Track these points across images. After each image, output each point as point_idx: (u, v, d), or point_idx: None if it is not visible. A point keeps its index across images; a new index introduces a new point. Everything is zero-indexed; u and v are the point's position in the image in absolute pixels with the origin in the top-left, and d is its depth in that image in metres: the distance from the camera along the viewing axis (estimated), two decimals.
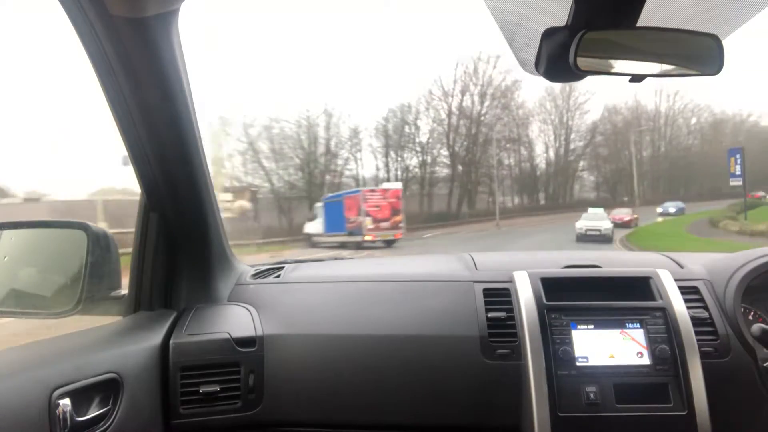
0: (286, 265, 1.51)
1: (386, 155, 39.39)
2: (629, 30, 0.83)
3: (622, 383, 1.11)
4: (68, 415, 0.90)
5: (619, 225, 21.11)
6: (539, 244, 17.47)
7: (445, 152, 41.54)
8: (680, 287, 1.22)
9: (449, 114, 42.10)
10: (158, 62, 1.01)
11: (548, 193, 49.49)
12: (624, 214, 24.64)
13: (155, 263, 1.25)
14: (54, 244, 1.28)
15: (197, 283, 1.32)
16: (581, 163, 51.82)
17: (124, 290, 1.27)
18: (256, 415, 1.18)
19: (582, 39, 0.79)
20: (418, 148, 40.83)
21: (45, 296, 1.25)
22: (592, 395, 1.09)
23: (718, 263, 1.33)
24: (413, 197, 37.40)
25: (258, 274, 1.46)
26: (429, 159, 41.41)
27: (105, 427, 0.97)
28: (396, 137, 39.66)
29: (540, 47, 0.87)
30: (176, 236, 1.27)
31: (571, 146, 50.36)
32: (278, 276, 1.44)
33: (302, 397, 1.19)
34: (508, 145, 45.36)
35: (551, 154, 50.34)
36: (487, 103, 43.27)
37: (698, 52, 0.85)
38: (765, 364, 1.14)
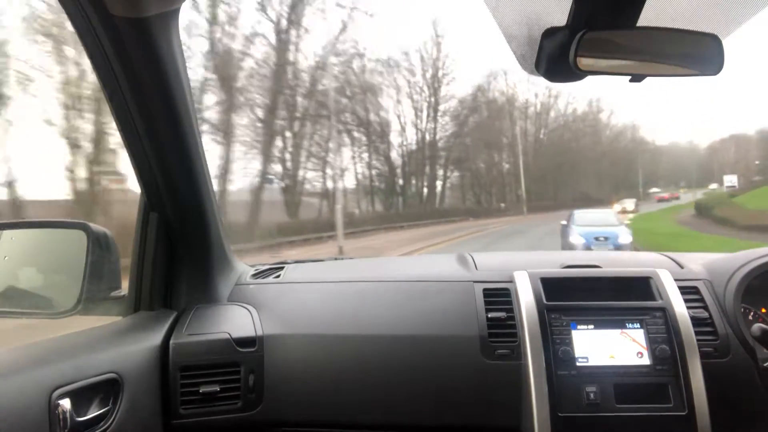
0: (286, 266, 1.52)
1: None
2: (629, 30, 0.82)
3: (622, 383, 1.11)
4: (68, 415, 0.89)
5: None
6: None
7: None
8: (680, 287, 1.22)
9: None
10: (158, 62, 1.01)
11: (406, 197, 34.06)
12: None
13: (155, 263, 1.25)
14: (54, 244, 1.28)
15: (197, 283, 1.32)
16: (447, 155, 37.65)
17: (124, 290, 1.27)
18: (256, 415, 1.18)
19: (582, 39, 0.79)
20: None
21: (45, 296, 1.25)
22: (592, 395, 1.09)
23: (718, 263, 1.33)
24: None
25: (258, 274, 1.46)
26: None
27: (105, 427, 0.97)
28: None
29: (540, 47, 0.87)
30: (176, 236, 1.27)
31: (439, 125, 35.78)
32: (278, 276, 1.44)
33: (302, 397, 1.19)
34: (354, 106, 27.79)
35: (411, 136, 34.45)
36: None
37: (698, 52, 0.84)
38: (765, 364, 1.14)
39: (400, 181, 34.17)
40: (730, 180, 42.26)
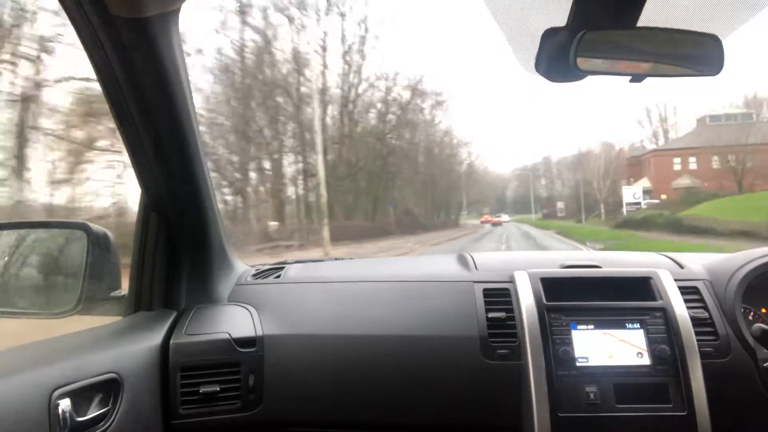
0: (287, 266, 1.51)
1: None
2: (629, 30, 0.82)
3: (622, 383, 1.11)
4: (68, 415, 0.89)
5: None
6: None
7: None
8: (680, 287, 1.22)
9: None
10: (158, 62, 1.01)
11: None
12: None
13: (155, 263, 1.25)
14: (54, 244, 1.28)
15: (197, 283, 1.32)
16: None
17: (124, 290, 1.27)
18: (256, 415, 1.18)
19: (582, 39, 0.79)
20: None
21: (45, 296, 1.26)
22: (592, 395, 1.09)
23: (719, 263, 1.33)
24: None
25: (258, 274, 1.46)
26: None
27: (105, 427, 0.97)
28: None
29: (540, 47, 0.87)
30: (176, 236, 1.27)
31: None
32: (278, 276, 1.44)
33: (302, 397, 1.19)
34: None
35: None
36: None
37: (698, 52, 0.84)
38: (765, 364, 1.14)
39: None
40: (635, 195, 30.61)
